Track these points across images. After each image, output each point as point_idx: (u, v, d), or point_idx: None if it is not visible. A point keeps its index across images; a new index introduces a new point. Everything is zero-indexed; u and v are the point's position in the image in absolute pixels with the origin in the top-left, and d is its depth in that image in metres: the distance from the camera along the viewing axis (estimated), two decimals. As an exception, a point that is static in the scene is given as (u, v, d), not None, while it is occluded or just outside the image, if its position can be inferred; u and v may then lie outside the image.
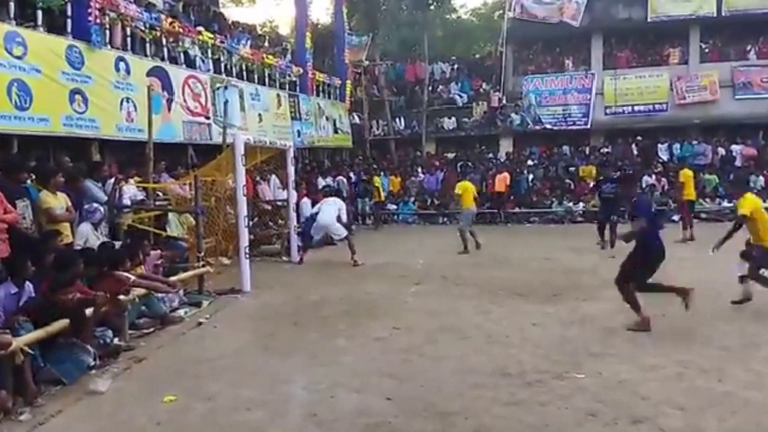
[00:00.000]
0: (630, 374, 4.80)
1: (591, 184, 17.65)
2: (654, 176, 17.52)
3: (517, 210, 17.61)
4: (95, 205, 7.53)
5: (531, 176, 18.75)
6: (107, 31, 9.81)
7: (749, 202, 6.76)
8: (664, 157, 18.99)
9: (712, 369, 4.85)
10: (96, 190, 7.67)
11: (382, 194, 17.72)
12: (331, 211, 10.63)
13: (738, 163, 18.26)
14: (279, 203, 12.53)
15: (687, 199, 12.52)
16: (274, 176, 13.45)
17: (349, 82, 20.64)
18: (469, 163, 19.88)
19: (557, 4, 20.46)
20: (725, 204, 16.27)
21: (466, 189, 12.09)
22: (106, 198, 7.78)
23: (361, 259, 10.52)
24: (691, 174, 12.76)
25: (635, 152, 19.50)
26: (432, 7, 27.46)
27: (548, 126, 20.69)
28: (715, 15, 19.17)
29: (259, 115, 14.30)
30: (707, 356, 5.18)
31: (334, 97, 19.67)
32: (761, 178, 16.39)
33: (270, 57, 15.40)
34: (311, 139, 17.38)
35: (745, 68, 19.28)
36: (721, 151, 18.61)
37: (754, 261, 6.62)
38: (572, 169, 19.01)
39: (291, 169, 11.04)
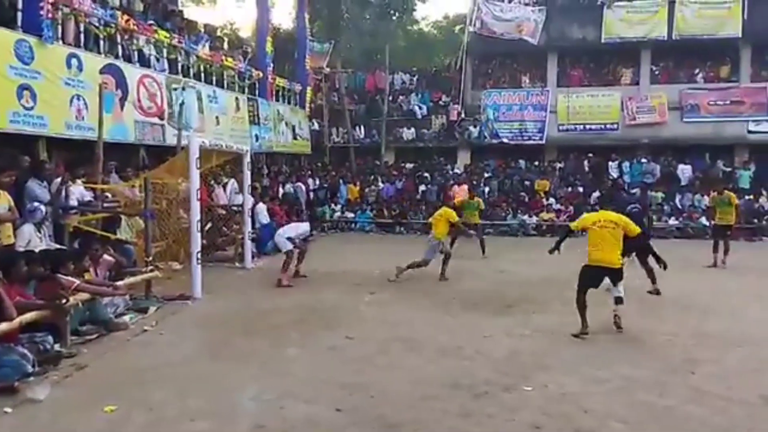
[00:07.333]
0: (575, 387, 4.90)
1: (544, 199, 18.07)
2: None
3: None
4: (36, 204, 7.25)
5: (487, 188, 19.03)
6: (59, 27, 9.52)
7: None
8: (615, 174, 19.55)
9: (654, 383, 4.99)
10: (39, 189, 7.38)
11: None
12: (288, 231, 10.26)
13: (683, 182, 18.96)
14: (234, 208, 12.30)
15: None
16: (232, 180, 13.08)
17: (309, 88, 20.58)
18: (426, 174, 20.03)
19: (516, 21, 20.87)
20: (671, 222, 16.85)
21: (441, 216, 10.23)
22: (48, 198, 7.49)
23: (306, 271, 10.22)
24: None
25: (587, 169, 20.06)
26: (394, 18, 27.62)
27: (505, 140, 21.02)
28: (666, 38, 19.87)
29: (217, 117, 14.08)
30: (650, 370, 5.33)
31: (294, 102, 19.56)
32: (705, 198, 16.92)
33: (229, 59, 15.20)
34: (270, 144, 17.22)
35: (693, 91, 20.03)
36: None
37: None
38: (527, 182, 19.39)
39: (247, 174, 10.89)
